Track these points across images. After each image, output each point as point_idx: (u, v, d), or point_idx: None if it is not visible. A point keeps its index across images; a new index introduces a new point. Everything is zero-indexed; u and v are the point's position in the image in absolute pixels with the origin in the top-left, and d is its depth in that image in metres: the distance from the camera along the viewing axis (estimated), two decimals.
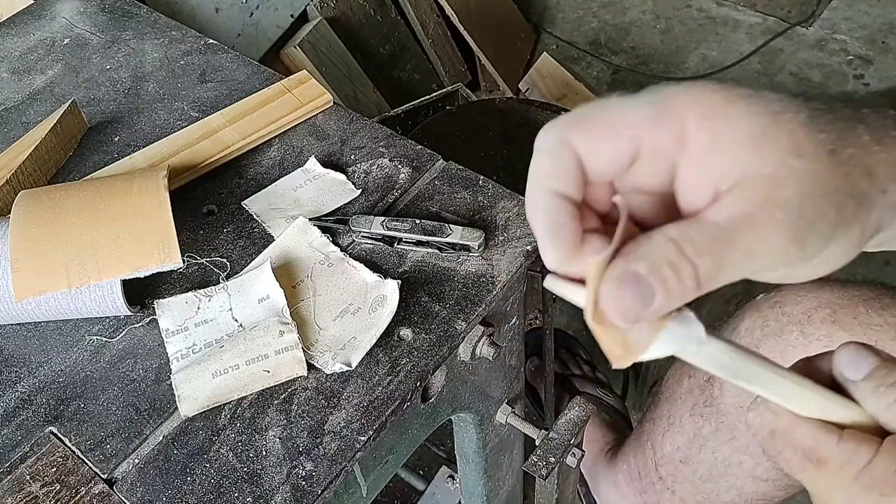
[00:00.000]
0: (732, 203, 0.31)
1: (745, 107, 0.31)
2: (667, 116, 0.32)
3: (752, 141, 0.31)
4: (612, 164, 0.32)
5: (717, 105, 0.31)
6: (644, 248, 0.31)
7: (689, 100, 0.32)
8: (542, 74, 1.94)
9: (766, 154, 0.31)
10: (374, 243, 0.72)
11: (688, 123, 0.31)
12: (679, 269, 0.30)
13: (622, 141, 0.32)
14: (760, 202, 0.30)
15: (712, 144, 0.31)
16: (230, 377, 0.61)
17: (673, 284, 0.30)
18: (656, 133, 0.32)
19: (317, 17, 1.87)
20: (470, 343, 0.68)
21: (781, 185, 0.30)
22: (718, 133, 0.31)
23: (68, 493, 0.58)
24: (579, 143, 0.32)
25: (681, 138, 0.32)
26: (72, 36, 1.00)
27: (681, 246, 0.30)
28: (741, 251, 0.30)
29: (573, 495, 1.00)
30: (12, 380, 0.65)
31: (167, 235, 0.65)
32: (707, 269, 0.30)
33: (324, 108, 0.86)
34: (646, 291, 0.30)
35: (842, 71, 2.30)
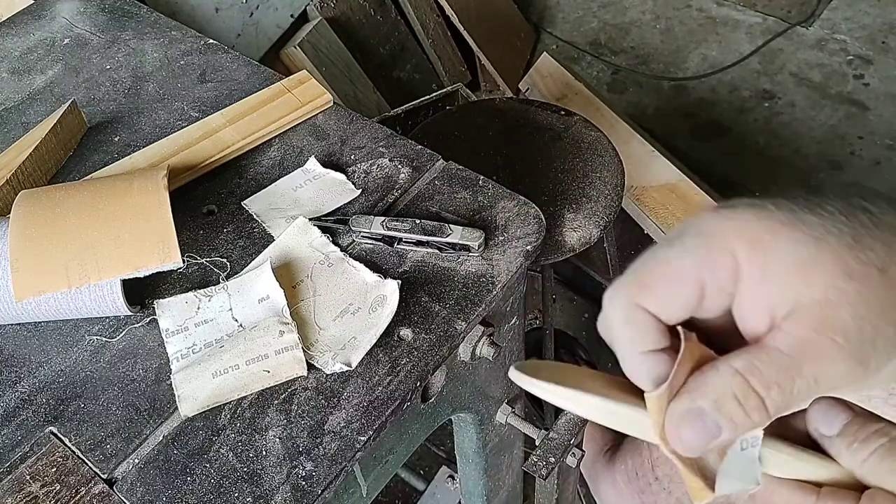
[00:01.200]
0: (792, 330, 0.31)
1: (787, 235, 0.32)
2: (718, 255, 0.32)
3: (800, 269, 0.31)
4: (683, 310, 0.34)
5: (760, 235, 0.32)
6: (710, 382, 0.32)
7: (733, 233, 0.32)
8: (542, 74, 1.94)
9: (816, 280, 0.31)
10: (374, 243, 0.72)
11: (738, 256, 0.32)
12: (746, 402, 0.31)
13: (688, 291, 0.33)
14: (818, 327, 0.31)
15: (763, 276, 0.32)
16: (230, 377, 0.61)
17: (739, 418, 0.31)
18: (714, 274, 0.33)
19: (317, 17, 1.87)
20: (470, 343, 0.68)
21: (835, 308, 0.31)
22: (766, 264, 0.32)
23: (68, 493, 0.58)
24: (650, 304, 0.33)
25: (735, 271, 0.33)
26: (72, 36, 1.00)
27: (747, 378, 0.31)
28: (808, 379, 0.31)
29: (573, 495, 1.00)
30: (12, 380, 0.65)
31: (167, 235, 0.65)
32: (776, 400, 0.31)
33: (324, 108, 0.86)
34: (711, 427, 0.31)
35: (842, 71, 2.30)
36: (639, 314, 0.33)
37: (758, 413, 0.31)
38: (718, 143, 2.18)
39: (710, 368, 0.32)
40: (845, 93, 2.25)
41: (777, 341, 0.31)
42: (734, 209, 0.33)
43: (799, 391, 0.31)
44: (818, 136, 2.16)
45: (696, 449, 0.31)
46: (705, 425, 0.31)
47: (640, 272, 0.34)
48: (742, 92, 2.30)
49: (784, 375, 0.31)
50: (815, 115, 2.21)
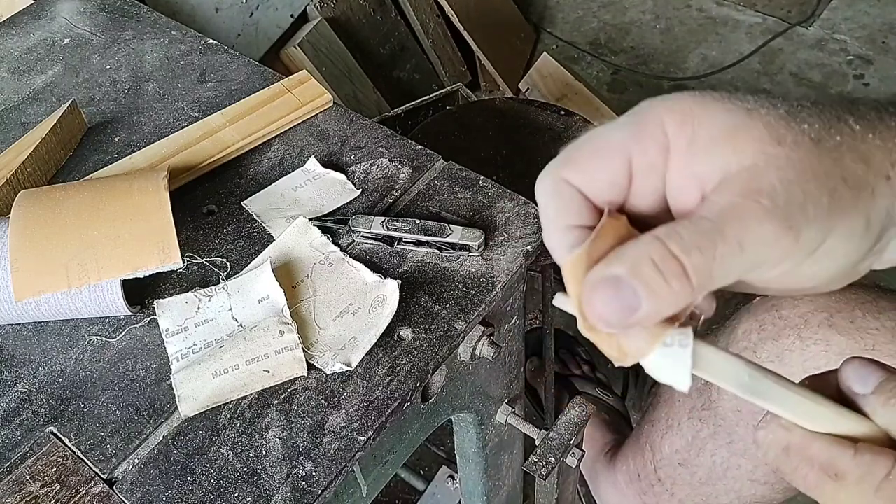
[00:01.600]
0: (717, 198, 0.30)
1: (718, 106, 0.31)
2: (647, 129, 0.32)
3: (728, 137, 0.31)
4: (611, 187, 0.33)
5: (691, 108, 0.32)
6: (627, 250, 0.30)
7: (664, 109, 0.32)
8: (542, 74, 1.94)
9: (743, 146, 0.30)
10: (374, 243, 0.72)
11: (667, 129, 0.32)
12: (664, 268, 0.28)
13: (613, 164, 0.32)
14: (744, 192, 0.30)
15: (690, 146, 0.31)
16: (230, 377, 0.61)
17: (659, 285, 0.28)
18: (641, 147, 0.32)
19: (317, 17, 1.87)
20: (470, 343, 0.68)
21: (763, 172, 0.30)
22: (695, 134, 0.31)
23: (68, 493, 0.58)
24: (574, 177, 0.33)
25: (664, 145, 0.32)
26: (72, 36, 1.00)
27: (666, 242, 0.29)
28: (731, 243, 0.29)
29: (573, 495, 1.00)
30: (12, 380, 0.65)
31: (167, 235, 0.65)
32: (696, 264, 0.29)
33: (324, 108, 0.86)
34: (629, 296, 0.29)
35: (842, 71, 2.30)
36: (564, 187, 0.33)
37: (677, 280, 0.29)
38: None
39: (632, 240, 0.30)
40: (845, 93, 2.25)
41: (702, 210, 0.30)
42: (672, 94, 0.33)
43: (722, 255, 0.29)
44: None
45: (614, 321, 0.29)
46: (621, 293, 0.29)
47: (569, 150, 0.33)
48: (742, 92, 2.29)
49: (705, 238, 0.29)
50: None
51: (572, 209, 0.33)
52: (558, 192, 0.33)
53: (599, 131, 0.33)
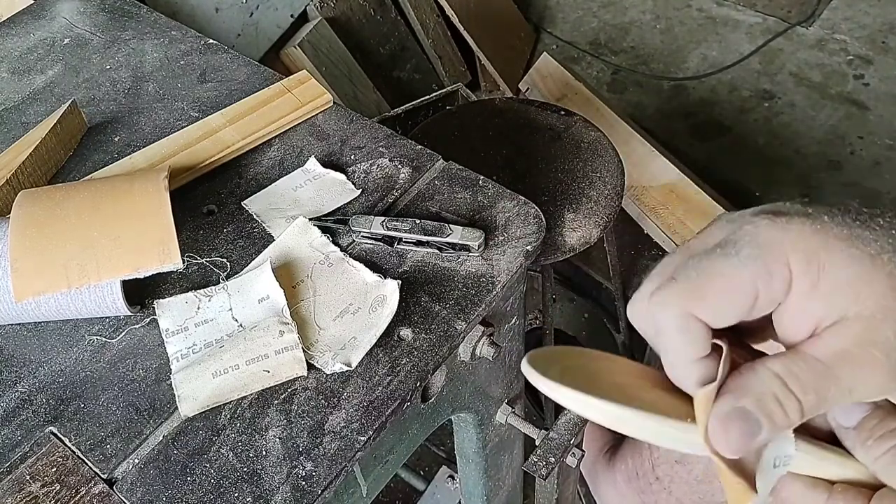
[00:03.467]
0: (833, 341, 0.32)
1: (843, 251, 0.32)
2: (775, 269, 0.33)
3: (851, 287, 0.32)
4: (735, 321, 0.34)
5: (816, 249, 0.32)
6: (750, 383, 0.32)
7: (790, 246, 0.33)
8: (542, 74, 1.94)
9: (865, 297, 0.32)
10: (374, 243, 0.72)
11: (793, 269, 0.33)
12: (785, 403, 0.32)
13: (741, 300, 0.33)
14: (859, 341, 0.32)
15: (814, 290, 0.32)
16: (230, 377, 0.61)
17: (779, 418, 0.32)
18: (769, 286, 0.33)
19: (317, 17, 1.87)
20: (470, 343, 0.68)
21: (880, 325, 0.32)
22: (819, 279, 0.32)
23: (68, 493, 0.58)
24: (704, 314, 0.34)
25: (788, 283, 0.33)
26: (72, 36, 1.00)
27: (786, 382, 0.32)
28: (843, 388, 0.32)
29: (573, 495, 1.00)
30: (12, 380, 0.65)
31: (167, 236, 0.65)
32: (812, 404, 0.32)
33: (324, 108, 0.86)
34: (753, 426, 0.32)
35: (842, 71, 2.30)
36: (693, 324, 0.33)
37: (795, 414, 0.32)
38: (718, 143, 2.18)
39: (748, 371, 0.33)
40: (845, 93, 2.25)
41: (816, 350, 0.32)
42: (789, 219, 0.33)
43: (833, 398, 0.32)
44: (818, 136, 2.16)
45: (740, 448, 0.32)
46: (748, 424, 0.32)
47: (697, 282, 0.34)
48: (742, 92, 2.30)
49: (821, 382, 0.32)
50: (815, 115, 2.21)
51: (701, 344, 0.34)
52: (688, 329, 0.34)
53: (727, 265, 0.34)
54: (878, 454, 0.33)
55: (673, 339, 0.34)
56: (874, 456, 0.33)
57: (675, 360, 0.34)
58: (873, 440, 0.33)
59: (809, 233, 0.33)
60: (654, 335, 0.35)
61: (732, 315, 0.33)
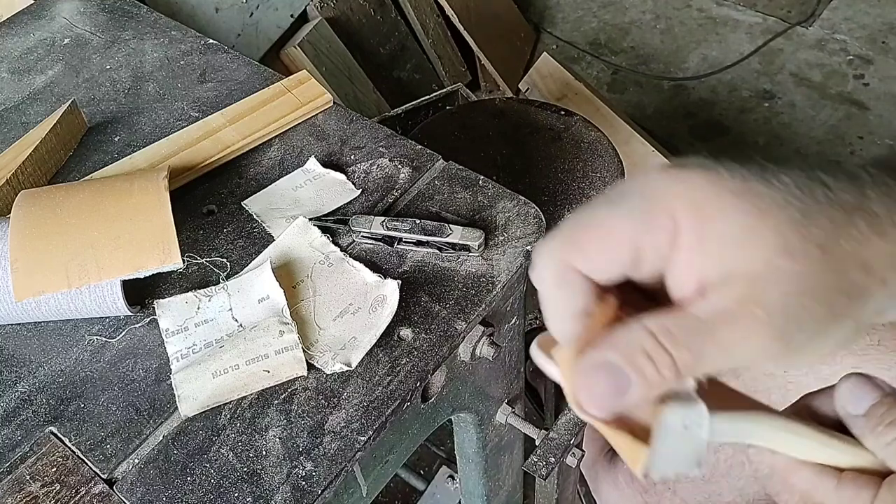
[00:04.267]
0: (715, 298, 0.31)
1: (732, 202, 0.31)
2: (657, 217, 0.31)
3: (738, 241, 0.31)
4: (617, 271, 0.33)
5: (705, 200, 0.31)
6: (620, 337, 0.31)
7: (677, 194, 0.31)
8: (542, 74, 1.94)
9: (752, 253, 0.30)
10: (374, 243, 0.72)
11: (679, 220, 0.31)
12: (656, 358, 0.30)
13: (623, 254, 0.32)
14: (742, 300, 0.30)
15: (700, 241, 0.31)
16: (230, 377, 0.61)
17: (650, 372, 0.30)
18: (651, 236, 0.32)
19: (317, 17, 1.87)
20: (470, 343, 0.68)
21: (766, 284, 0.30)
22: (707, 230, 0.31)
23: (68, 493, 0.58)
24: (580, 263, 0.32)
25: (673, 235, 0.32)
26: (72, 36, 1.00)
27: (658, 336, 0.30)
28: (719, 346, 0.30)
29: (573, 495, 1.00)
30: (12, 380, 0.65)
31: (167, 235, 0.65)
32: (684, 360, 0.30)
33: (324, 108, 0.86)
34: (620, 380, 0.30)
35: (842, 71, 2.30)
36: (570, 275, 0.32)
37: (668, 370, 0.30)
38: (718, 143, 2.18)
39: (621, 327, 0.31)
40: (845, 93, 2.25)
41: (696, 307, 0.31)
42: (683, 170, 0.32)
43: (710, 356, 0.30)
44: (818, 136, 2.16)
45: (607, 404, 0.30)
46: (613, 377, 0.30)
47: (576, 231, 0.33)
48: (742, 92, 2.29)
49: (695, 339, 0.30)
50: (815, 115, 2.21)
51: (579, 296, 0.33)
52: (566, 281, 0.33)
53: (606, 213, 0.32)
54: (887, 441, 0.32)
55: (550, 290, 0.33)
56: (884, 443, 0.33)
57: (552, 313, 0.33)
58: (883, 426, 0.33)
59: (701, 183, 0.31)
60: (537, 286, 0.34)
61: (612, 267, 0.32)
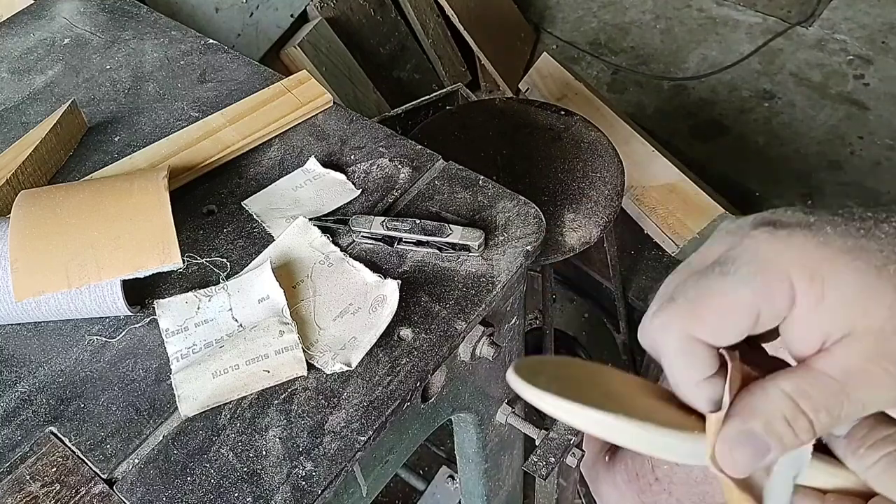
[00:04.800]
0: (844, 356, 0.31)
1: (847, 264, 0.31)
2: (775, 285, 0.32)
3: (858, 299, 0.31)
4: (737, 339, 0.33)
5: (819, 264, 0.32)
6: (759, 404, 0.32)
7: (791, 262, 0.32)
8: (542, 74, 1.94)
9: (872, 311, 0.31)
10: (374, 243, 0.72)
11: (795, 285, 0.32)
12: (795, 424, 0.31)
13: (744, 322, 0.33)
14: (870, 356, 0.31)
15: (819, 305, 0.32)
16: (230, 377, 0.61)
17: (789, 438, 0.31)
18: (771, 304, 0.32)
19: (317, 17, 1.87)
20: (470, 343, 0.68)
21: (889, 338, 0.31)
22: (824, 294, 0.32)
23: (68, 493, 0.58)
24: (705, 335, 0.33)
25: (791, 299, 0.32)
26: (72, 36, 1.00)
27: (797, 402, 0.31)
28: (856, 405, 0.31)
29: (573, 495, 1.00)
30: (12, 380, 0.65)
31: (167, 235, 0.65)
32: (824, 423, 0.31)
33: (324, 108, 0.86)
34: (761, 448, 0.31)
35: (842, 71, 2.30)
36: (695, 346, 0.33)
37: (806, 434, 0.31)
38: (718, 143, 2.18)
39: (757, 390, 0.32)
40: (845, 93, 2.25)
41: (827, 366, 0.32)
42: (790, 232, 0.32)
43: (847, 415, 0.31)
44: (818, 136, 2.16)
45: (747, 469, 0.32)
46: (756, 446, 0.31)
47: (696, 303, 0.33)
48: (742, 92, 2.30)
49: (833, 400, 0.31)
50: (815, 115, 2.21)
51: (704, 365, 0.33)
52: (689, 351, 0.33)
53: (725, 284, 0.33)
54: (870, 462, 0.33)
55: (675, 361, 0.34)
56: (866, 464, 0.33)
57: (681, 383, 0.34)
58: (865, 448, 0.33)
59: (812, 246, 0.32)
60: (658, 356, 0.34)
61: (734, 334, 0.33)
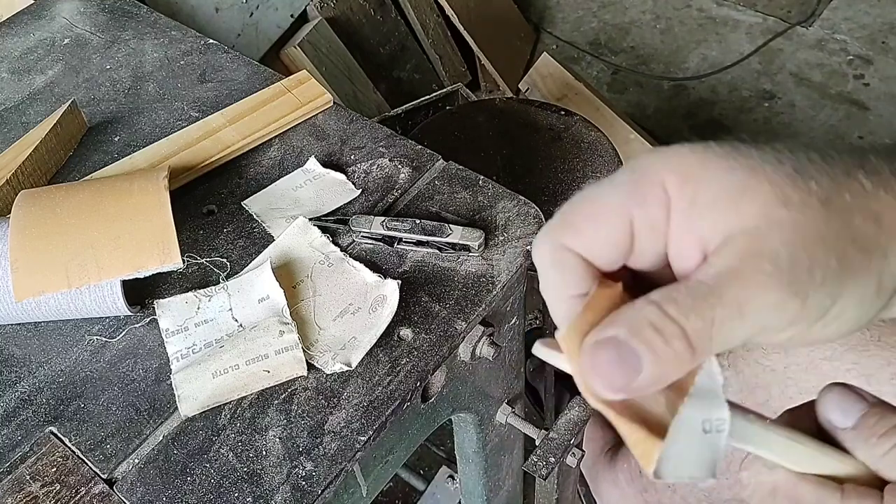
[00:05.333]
0: (717, 261, 0.29)
1: (720, 164, 0.30)
2: (647, 189, 0.30)
3: (730, 198, 0.29)
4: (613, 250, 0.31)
5: (692, 167, 0.30)
6: (624, 314, 0.29)
7: (665, 167, 0.30)
8: (542, 74, 1.94)
9: (747, 208, 0.29)
10: (374, 243, 0.72)
11: (668, 189, 0.30)
12: (663, 330, 0.28)
13: (613, 226, 0.31)
14: (745, 255, 0.28)
15: (692, 207, 0.30)
16: (230, 377, 0.61)
17: (659, 347, 0.28)
18: (642, 208, 0.30)
19: (317, 17, 1.87)
20: (470, 343, 0.68)
21: (767, 236, 0.28)
22: (696, 194, 0.30)
23: (68, 493, 0.58)
24: (574, 243, 0.31)
25: (666, 205, 0.30)
26: (72, 36, 1.00)
27: (663, 306, 0.28)
28: (730, 307, 0.28)
29: (573, 495, 1.00)
30: (12, 380, 0.65)
31: (167, 235, 0.65)
32: (695, 327, 0.28)
33: (324, 108, 0.86)
34: (630, 357, 0.28)
35: (842, 71, 2.30)
36: (566, 256, 0.31)
37: (678, 341, 0.28)
38: None
39: (626, 304, 0.30)
40: (845, 93, 2.25)
41: (700, 273, 0.29)
42: (670, 147, 0.31)
43: (721, 320, 0.28)
44: (818, 136, 2.16)
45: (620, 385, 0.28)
46: (622, 354, 0.28)
47: (567, 212, 0.32)
48: (742, 92, 2.29)
49: (702, 303, 0.28)
50: (815, 115, 2.21)
51: (576, 278, 0.31)
52: (560, 262, 0.31)
53: (597, 192, 0.31)
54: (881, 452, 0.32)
55: (546, 275, 0.32)
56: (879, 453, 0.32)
57: (551, 297, 0.32)
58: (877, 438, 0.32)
59: (687, 153, 0.30)
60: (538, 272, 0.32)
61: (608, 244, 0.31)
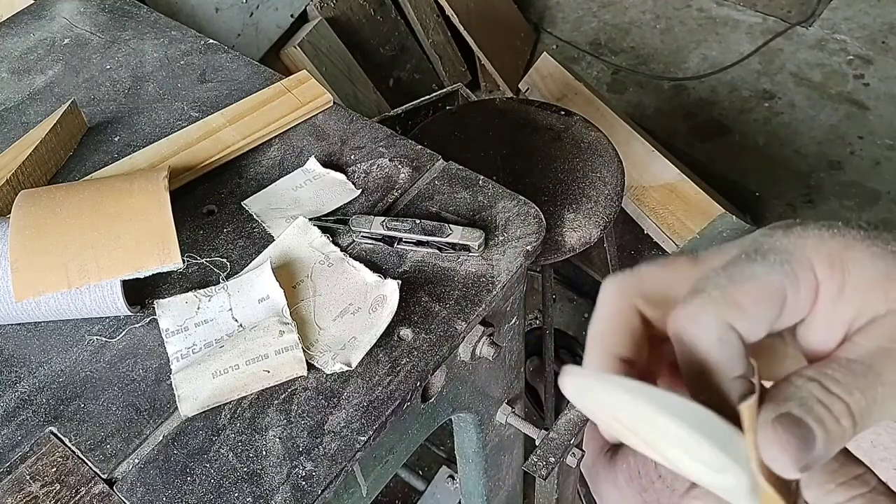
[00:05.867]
0: (867, 341, 0.30)
1: (864, 250, 0.31)
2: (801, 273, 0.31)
3: (878, 284, 0.30)
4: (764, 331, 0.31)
5: (838, 252, 0.31)
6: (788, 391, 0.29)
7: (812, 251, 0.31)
8: (542, 74, 1.94)
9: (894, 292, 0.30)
10: (374, 243, 0.72)
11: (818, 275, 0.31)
12: (831, 406, 0.28)
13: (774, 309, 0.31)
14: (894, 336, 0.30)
15: (841, 292, 0.31)
16: (230, 377, 0.61)
17: (830, 423, 0.28)
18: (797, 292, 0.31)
19: (317, 17, 1.87)
20: (470, 343, 0.68)
21: None
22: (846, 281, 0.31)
23: (68, 493, 0.58)
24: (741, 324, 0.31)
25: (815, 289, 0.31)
26: (72, 36, 1.00)
27: (825, 384, 0.29)
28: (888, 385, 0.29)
29: (573, 495, 1.00)
30: (12, 380, 0.65)
31: (167, 236, 0.65)
32: (860, 405, 0.28)
33: (324, 108, 0.86)
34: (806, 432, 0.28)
35: (842, 71, 2.30)
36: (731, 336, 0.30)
37: (846, 419, 0.28)
38: (718, 143, 2.18)
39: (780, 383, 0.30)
40: (845, 93, 2.25)
41: (850, 352, 0.30)
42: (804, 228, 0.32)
43: (883, 399, 0.29)
44: (818, 136, 2.16)
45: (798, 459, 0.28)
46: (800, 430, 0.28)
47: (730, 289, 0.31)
48: (742, 92, 2.29)
49: (864, 381, 0.29)
50: (815, 115, 2.21)
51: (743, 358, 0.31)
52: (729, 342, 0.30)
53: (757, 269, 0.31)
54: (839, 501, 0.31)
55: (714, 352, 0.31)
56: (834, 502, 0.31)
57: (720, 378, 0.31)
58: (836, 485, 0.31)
59: (828, 237, 0.31)
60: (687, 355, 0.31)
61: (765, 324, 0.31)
